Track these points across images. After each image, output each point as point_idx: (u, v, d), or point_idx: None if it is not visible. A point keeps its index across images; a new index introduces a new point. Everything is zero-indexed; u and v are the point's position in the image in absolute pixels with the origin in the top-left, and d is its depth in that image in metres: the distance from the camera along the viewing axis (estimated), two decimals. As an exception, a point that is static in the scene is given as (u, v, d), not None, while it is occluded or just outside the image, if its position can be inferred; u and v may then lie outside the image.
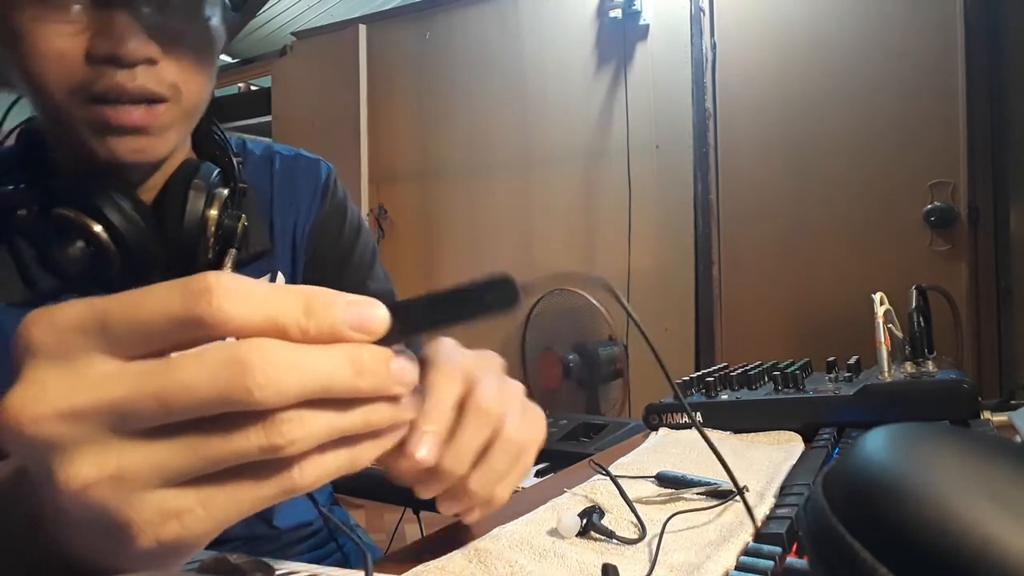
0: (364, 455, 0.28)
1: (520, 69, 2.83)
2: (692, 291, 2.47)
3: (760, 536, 0.47)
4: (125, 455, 0.24)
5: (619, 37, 2.62)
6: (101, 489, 0.24)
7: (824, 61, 2.32)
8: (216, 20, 0.59)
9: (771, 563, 0.42)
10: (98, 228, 0.56)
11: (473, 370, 0.39)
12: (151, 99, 0.55)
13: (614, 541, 0.48)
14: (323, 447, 0.26)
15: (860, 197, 2.28)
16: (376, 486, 1.39)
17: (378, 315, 0.26)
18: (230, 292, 0.24)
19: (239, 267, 0.65)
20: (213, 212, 0.61)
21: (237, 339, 0.24)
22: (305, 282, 0.72)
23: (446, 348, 0.40)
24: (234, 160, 0.66)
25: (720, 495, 0.56)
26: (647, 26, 2.58)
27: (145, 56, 0.53)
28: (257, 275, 0.68)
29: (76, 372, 0.24)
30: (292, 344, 0.25)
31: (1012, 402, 0.86)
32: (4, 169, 0.60)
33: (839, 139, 2.30)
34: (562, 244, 2.74)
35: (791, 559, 0.43)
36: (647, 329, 0.44)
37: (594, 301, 2.40)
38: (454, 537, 0.50)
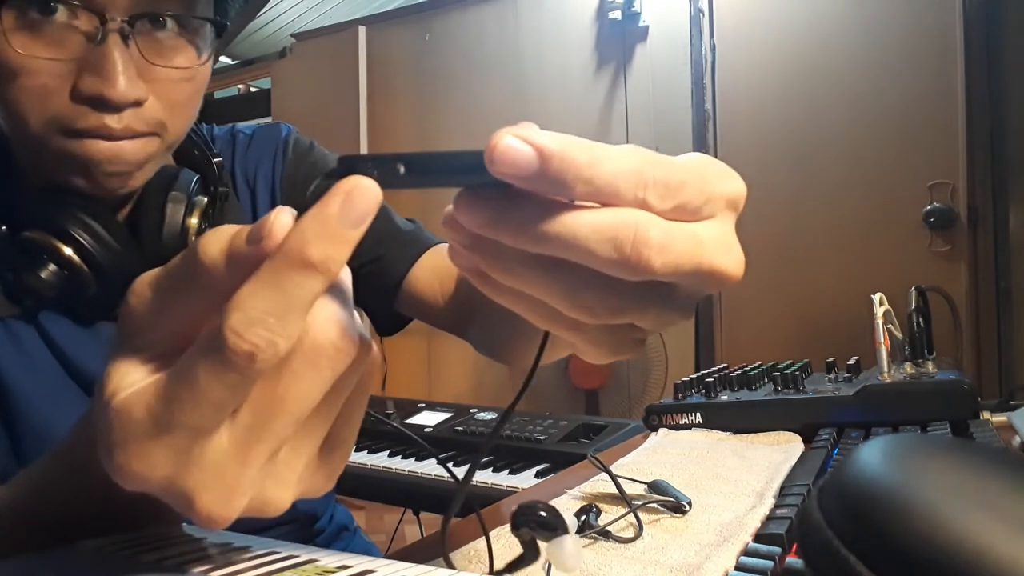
0: None
1: (520, 70, 2.83)
2: (692, 292, 2.47)
3: (760, 536, 0.47)
4: None
5: (619, 38, 2.62)
6: None
7: (824, 62, 2.32)
8: (206, 56, 0.57)
9: (771, 563, 0.42)
10: (68, 251, 0.53)
11: None
12: (135, 136, 0.53)
13: (611, 540, 0.48)
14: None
15: (860, 198, 2.28)
16: (376, 487, 1.39)
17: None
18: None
19: None
20: (193, 221, 0.59)
21: None
22: None
23: None
24: (214, 162, 0.64)
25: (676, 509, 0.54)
26: (646, 27, 2.58)
27: (134, 99, 0.51)
28: None
29: None
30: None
31: (1011, 403, 0.86)
32: None
33: (839, 140, 2.30)
34: (562, 245, 2.74)
35: (791, 559, 0.43)
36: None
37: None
38: (453, 538, 0.50)
